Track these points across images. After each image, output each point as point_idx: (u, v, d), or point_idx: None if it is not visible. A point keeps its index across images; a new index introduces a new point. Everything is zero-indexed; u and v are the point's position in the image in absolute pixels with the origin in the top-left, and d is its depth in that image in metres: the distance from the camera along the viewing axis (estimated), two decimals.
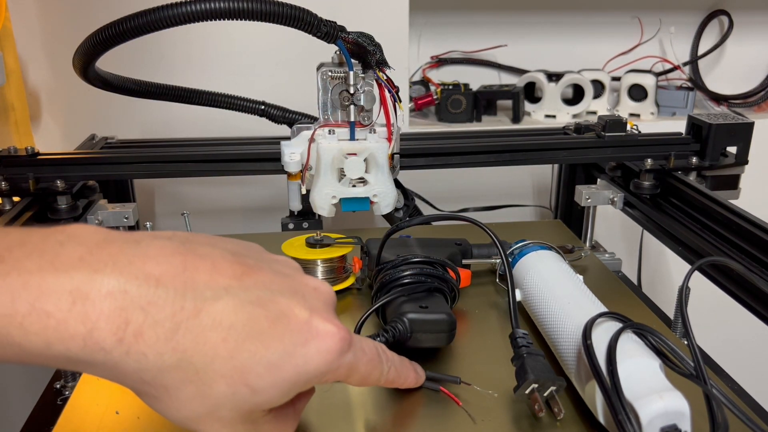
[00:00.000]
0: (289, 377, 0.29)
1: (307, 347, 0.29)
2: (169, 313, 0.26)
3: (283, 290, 0.30)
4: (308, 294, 0.31)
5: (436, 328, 0.46)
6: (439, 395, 0.44)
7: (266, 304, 0.29)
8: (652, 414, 0.36)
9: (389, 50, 0.59)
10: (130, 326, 0.26)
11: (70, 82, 0.95)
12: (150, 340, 0.26)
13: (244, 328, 0.28)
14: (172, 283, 0.27)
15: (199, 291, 0.27)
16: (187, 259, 0.28)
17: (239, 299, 0.28)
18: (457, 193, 1.10)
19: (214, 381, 0.27)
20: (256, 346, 0.28)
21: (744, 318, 0.57)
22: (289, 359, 0.29)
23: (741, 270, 0.51)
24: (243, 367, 0.28)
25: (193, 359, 0.27)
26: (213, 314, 0.27)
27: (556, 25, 1.22)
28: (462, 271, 0.57)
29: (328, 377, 0.31)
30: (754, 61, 1.30)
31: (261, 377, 0.28)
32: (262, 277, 0.30)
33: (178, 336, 0.27)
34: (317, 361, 0.29)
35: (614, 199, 0.77)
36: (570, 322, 0.46)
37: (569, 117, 1.16)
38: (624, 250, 1.06)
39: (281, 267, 0.33)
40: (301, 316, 0.29)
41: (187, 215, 0.59)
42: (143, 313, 0.26)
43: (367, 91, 0.59)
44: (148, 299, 0.26)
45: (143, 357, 0.26)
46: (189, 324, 0.27)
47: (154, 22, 0.56)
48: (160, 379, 0.27)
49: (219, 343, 0.27)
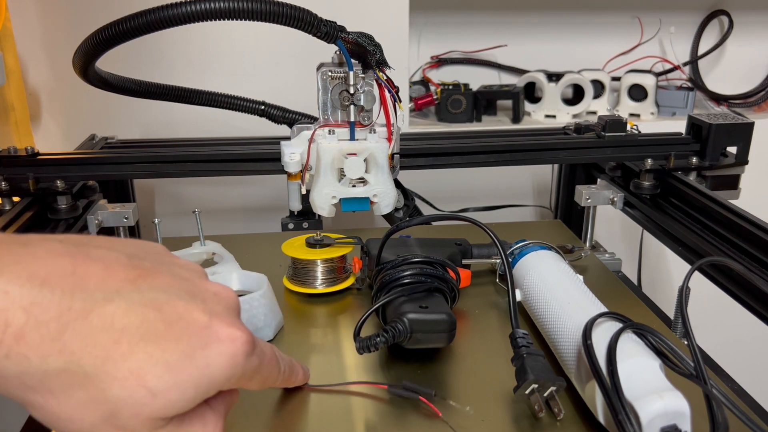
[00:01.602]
0: (190, 379, 0.27)
1: (208, 350, 0.28)
2: (54, 314, 0.25)
3: (180, 293, 0.29)
4: (208, 298, 0.30)
5: (436, 328, 0.46)
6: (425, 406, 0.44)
7: (161, 307, 0.28)
8: (652, 414, 0.36)
9: (389, 50, 0.59)
10: (9, 328, 0.24)
11: (70, 82, 0.95)
12: (33, 342, 0.25)
13: (137, 331, 0.26)
14: (59, 284, 0.26)
15: (89, 292, 0.26)
16: (77, 260, 0.27)
17: (132, 301, 0.27)
18: (457, 193, 1.10)
19: (106, 384, 0.26)
20: (151, 347, 0.27)
21: (744, 318, 0.57)
22: (188, 361, 0.27)
23: (741, 270, 0.51)
24: (139, 369, 0.26)
25: (82, 362, 0.25)
26: (103, 316, 0.26)
27: (556, 25, 1.22)
28: (462, 271, 0.57)
29: (233, 381, 0.30)
30: (754, 61, 1.30)
31: (160, 378, 0.27)
32: (158, 281, 0.29)
33: (65, 338, 0.25)
34: (221, 364, 0.28)
35: (614, 199, 0.77)
36: (570, 322, 0.46)
37: (569, 117, 1.16)
38: (624, 250, 1.06)
39: (181, 271, 0.31)
40: (199, 320, 0.28)
41: (198, 213, 0.59)
42: (25, 314, 0.24)
43: (367, 91, 0.59)
44: (31, 300, 0.25)
45: (25, 360, 0.25)
46: (77, 325, 0.25)
47: (154, 22, 0.56)
48: (45, 384, 0.25)
49: (110, 345, 0.26)
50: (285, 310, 0.56)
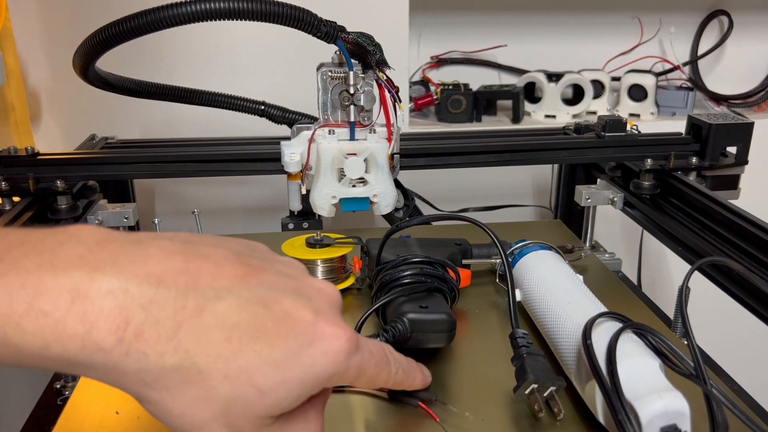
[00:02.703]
0: (297, 377, 0.28)
1: (314, 348, 0.28)
2: (170, 312, 0.26)
3: (287, 291, 0.29)
4: (313, 295, 0.31)
5: (436, 328, 0.46)
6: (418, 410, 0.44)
7: (270, 305, 0.28)
8: (652, 414, 0.36)
9: (389, 50, 0.59)
10: (130, 325, 0.25)
11: (70, 82, 0.95)
12: (151, 339, 0.25)
13: (248, 328, 0.27)
14: (174, 283, 0.26)
15: (202, 290, 0.27)
16: (189, 258, 0.28)
17: (242, 299, 0.28)
18: (457, 193, 1.10)
19: (218, 382, 0.27)
20: (260, 345, 0.27)
21: (744, 318, 0.57)
22: (295, 359, 0.28)
23: (741, 270, 0.51)
24: (248, 367, 0.27)
25: (196, 359, 0.26)
26: (216, 313, 0.27)
27: (556, 25, 1.22)
28: (462, 271, 0.57)
29: (336, 380, 0.30)
30: (754, 61, 1.30)
31: (268, 377, 0.27)
32: (265, 278, 0.29)
33: (180, 335, 0.26)
34: (324, 362, 0.29)
35: (614, 199, 0.77)
36: (570, 322, 0.46)
37: (569, 117, 1.16)
38: (624, 250, 1.06)
39: (285, 268, 0.32)
40: (305, 318, 0.29)
41: (197, 213, 0.59)
42: (144, 312, 0.25)
43: (367, 91, 0.59)
44: (150, 298, 0.26)
45: (144, 357, 0.25)
46: (191, 323, 0.26)
47: (154, 22, 0.56)
48: (161, 381, 0.26)
49: (222, 343, 0.26)
50: None
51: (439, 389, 0.45)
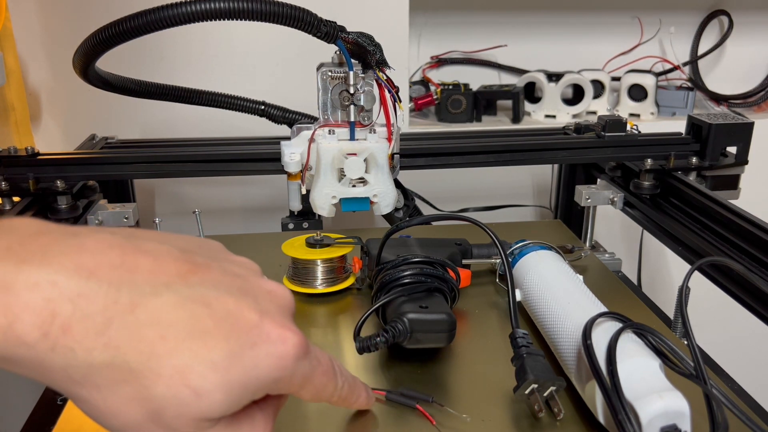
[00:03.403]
0: (237, 380, 0.26)
1: (257, 350, 0.27)
2: (101, 306, 0.24)
3: (231, 290, 0.28)
4: (261, 296, 0.29)
5: (436, 328, 0.46)
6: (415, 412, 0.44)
7: (211, 303, 0.27)
8: (652, 414, 0.36)
9: (389, 50, 0.59)
10: (56, 319, 0.24)
11: (70, 82, 0.95)
12: (78, 334, 0.24)
13: (185, 327, 0.26)
14: (107, 276, 0.25)
15: (137, 286, 0.26)
16: (126, 253, 0.26)
17: (181, 296, 0.26)
18: (457, 193, 1.10)
19: (151, 381, 0.25)
20: (198, 345, 0.26)
21: (744, 318, 0.57)
22: (235, 361, 0.26)
23: (741, 270, 0.51)
24: (184, 367, 0.25)
25: (128, 357, 0.25)
26: (151, 310, 0.25)
27: (556, 25, 1.22)
28: (462, 271, 0.57)
29: (281, 385, 0.29)
30: (754, 61, 1.30)
31: (204, 378, 0.26)
32: (209, 276, 0.28)
33: (111, 331, 0.25)
34: (269, 365, 0.27)
35: (614, 199, 0.77)
36: (570, 322, 0.46)
37: (569, 117, 1.16)
38: (624, 250, 1.06)
39: (234, 267, 0.30)
40: (249, 318, 0.27)
41: (198, 213, 0.59)
42: (72, 306, 0.24)
43: (367, 91, 0.59)
44: (79, 291, 0.24)
45: (71, 353, 0.24)
46: (123, 319, 0.25)
47: (154, 22, 0.56)
48: (90, 378, 0.25)
49: (156, 341, 0.25)
50: None
51: (439, 389, 0.45)
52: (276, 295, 0.30)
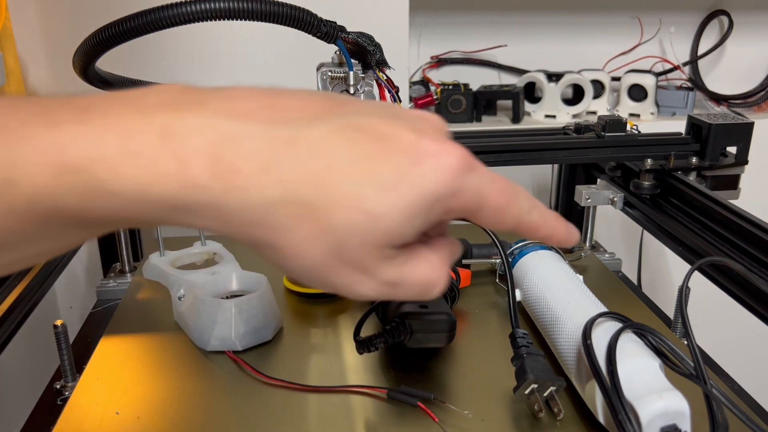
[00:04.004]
0: (408, 197, 0.26)
1: (422, 166, 0.26)
2: (262, 144, 0.25)
3: (382, 115, 0.27)
4: (413, 119, 0.28)
5: (436, 328, 0.46)
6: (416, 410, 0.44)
7: (365, 129, 0.27)
8: (652, 414, 0.36)
9: (389, 50, 0.59)
10: (224, 160, 0.24)
11: (70, 82, 0.95)
12: (247, 173, 0.24)
13: (345, 153, 0.26)
14: (261, 116, 0.26)
15: (290, 122, 0.26)
16: (272, 97, 0.27)
17: (334, 125, 0.26)
18: None
19: (328, 212, 0.25)
20: (363, 169, 0.26)
21: (744, 318, 0.57)
22: (403, 179, 0.26)
23: (741, 270, 0.51)
24: (354, 193, 0.25)
25: (299, 190, 0.25)
26: (309, 141, 0.25)
27: (556, 25, 1.22)
28: (462, 271, 0.57)
29: (453, 202, 0.27)
30: (754, 61, 1.30)
31: (377, 201, 0.25)
32: (356, 107, 0.28)
33: (278, 167, 0.25)
34: (436, 179, 0.26)
35: (614, 199, 0.77)
36: (570, 322, 0.46)
37: (569, 117, 1.16)
38: (624, 250, 1.06)
39: (377, 102, 0.31)
40: (407, 138, 0.27)
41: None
42: (235, 146, 0.25)
43: (367, 91, 0.59)
44: (239, 131, 0.25)
45: (243, 192, 0.24)
46: (286, 154, 0.25)
47: (154, 22, 0.56)
48: (270, 218, 0.25)
49: (322, 171, 0.25)
50: (285, 310, 0.56)
51: (439, 389, 0.45)
52: (429, 119, 0.30)
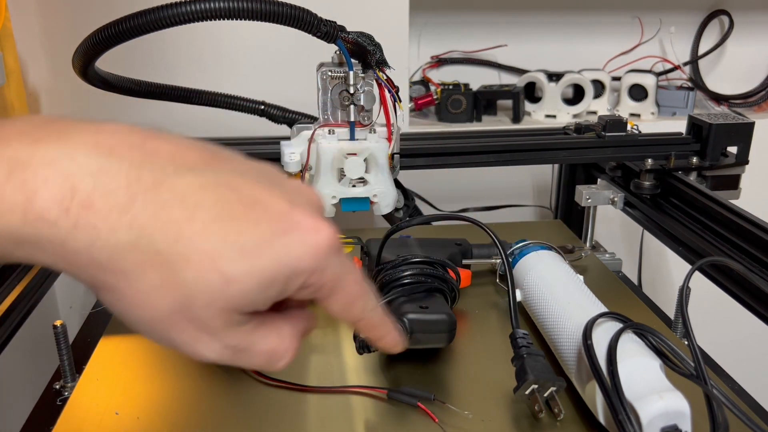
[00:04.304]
0: (268, 267, 0.24)
1: (289, 237, 0.25)
2: (123, 183, 0.23)
3: (258, 179, 0.26)
4: (289, 189, 0.27)
5: (436, 328, 0.46)
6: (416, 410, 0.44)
7: (238, 188, 0.25)
8: (653, 414, 0.36)
9: (389, 50, 0.59)
10: (77, 195, 0.22)
11: (70, 82, 0.95)
12: (101, 210, 0.23)
13: (212, 209, 0.24)
14: (128, 155, 0.24)
15: (159, 166, 0.24)
16: (146, 137, 0.25)
17: (206, 178, 0.25)
18: (457, 193, 1.10)
19: (180, 266, 0.24)
20: (227, 229, 0.24)
21: (744, 318, 0.57)
22: (266, 247, 0.24)
23: (741, 270, 0.51)
24: (213, 251, 0.24)
25: (154, 237, 0.23)
26: (175, 189, 0.24)
27: (556, 25, 1.22)
28: (462, 271, 0.57)
29: (313, 279, 0.26)
30: (754, 61, 1.30)
31: (234, 263, 0.24)
32: (234, 165, 0.26)
33: (135, 209, 0.23)
34: (301, 254, 0.25)
35: (614, 199, 0.77)
36: (570, 322, 0.46)
37: (569, 117, 1.16)
38: (624, 250, 1.06)
39: (258, 164, 0.28)
40: (280, 207, 0.25)
41: None
42: (93, 181, 0.23)
43: (367, 91, 0.59)
44: (99, 166, 0.23)
45: (94, 231, 0.23)
46: (147, 197, 0.23)
47: (154, 22, 0.56)
48: (116, 261, 0.23)
49: (183, 222, 0.23)
50: None
51: (439, 389, 0.45)
52: (304, 191, 0.29)
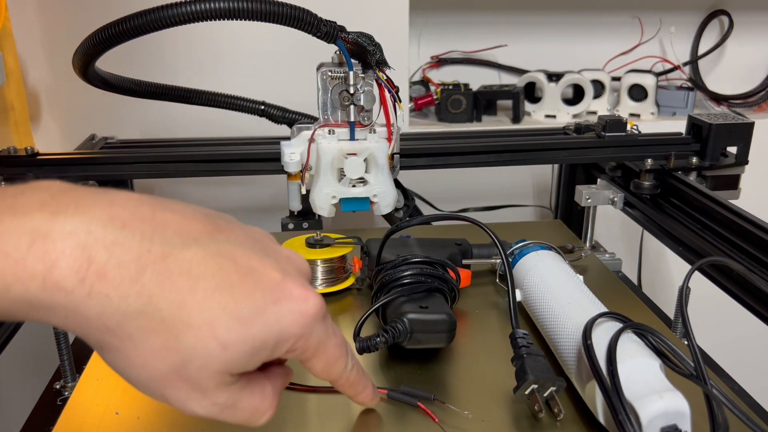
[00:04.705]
0: (260, 334, 0.27)
1: (280, 306, 0.28)
2: (134, 255, 0.25)
3: (254, 249, 0.29)
4: (281, 259, 0.30)
5: (436, 328, 0.46)
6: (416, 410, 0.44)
7: (237, 258, 0.28)
8: (653, 414, 0.36)
9: (389, 50, 0.59)
10: (92, 265, 0.25)
11: (70, 82, 0.95)
12: (114, 281, 0.25)
13: (213, 279, 0.27)
14: (139, 227, 0.26)
15: (167, 238, 0.27)
16: (155, 209, 0.27)
17: (209, 250, 0.27)
18: (457, 193, 1.10)
19: (181, 332, 0.26)
20: (225, 298, 0.27)
21: (744, 318, 0.57)
22: (259, 315, 0.27)
23: (741, 270, 0.51)
24: (212, 319, 0.26)
25: (160, 306, 0.26)
26: (181, 261, 0.26)
27: (556, 25, 1.22)
28: (462, 271, 0.57)
29: (299, 344, 0.29)
30: (754, 61, 1.30)
31: (230, 331, 0.27)
32: (233, 236, 0.29)
33: (144, 279, 0.25)
34: (290, 321, 0.28)
35: (614, 199, 0.77)
36: (570, 322, 0.46)
37: (569, 117, 1.16)
38: (624, 250, 1.06)
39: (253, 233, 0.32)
40: (273, 276, 0.29)
41: None
42: (107, 253, 0.25)
43: (367, 91, 0.59)
44: (113, 239, 0.25)
45: (106, 299, 0.25)
46: (156, 268, 0.26)
47: (154, 22, 0.56)
48: (124, 326, 0.26)
49: (187, 292, 0.26)
50: None
51: (439, 389, 0.45)
52: (293, 259, 0.32)
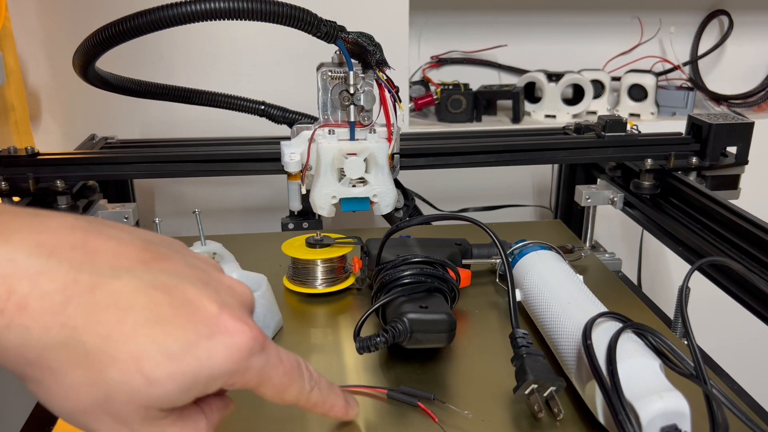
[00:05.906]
0: (190, 371, 0.26)
1: (213, 341, 0.27)
2: (60, 285, 0.24)
3: (192, 280, 0.28)
4: (221, 289, 0.29)
5: (436, 328, 0.46)
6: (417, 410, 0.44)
7: (171, 291, 0.27)
8: (652, 414, 0.36)
9: (389, 50, 0.59)
10: (13, 296, 0.23)
11: (70, 82, 0.95)
12: (35, 312, 0.24)
13: (143, 312, 0.25)
14: (68, 256, 0.25)
15: (97, 267, 0.25)
16: (88, 235, 0.26)
17: (141, 281, 0.26)
18: (457, 193, 1.10)
19: (105, 365, 0.25)
20: (155, 332, 0.25)
21: (744, 318, 0.57)
22: (190, 351, 0.26)
23: (741, 270, 0.51)
24: (139, 353, 0.25)
25: (84, 338, 0.24)
26: (110, 292, 0.25)
27: (556, 25, 1.22)
28: (462, 271, 0.57)
29: (235, 379, 0.28)
30: (754, 61, 1.30)
31: (158, 366, 0.25)
32: (171, 266, 0.28)
33: (69, 311, 0.24)
34: (222, 357, 0.27)
35: (614, 199, 0.77)
36: (570, 322, 0.46)
37: (569, 117, 1.16)
38: (624, 250, 1.06)
39: (196, 261, 0.30)
40: (209, 309, 0.27)
41: (198, 213, 0.59)
42: (30, 283, 0.24)
43: (367, 91, 0.59)
44: (38, 269, 0.24)
45: (26, 331, 0.24)
46: (82, 299, 0.24)
47: (153, 22, 0.56)
48: (45, 359, 0.24)
49: (114, 324, 0.25)
50: (285, 310, 0.56)
51: (439, 389, 0.45)
52: (235, 289, 0.30)
